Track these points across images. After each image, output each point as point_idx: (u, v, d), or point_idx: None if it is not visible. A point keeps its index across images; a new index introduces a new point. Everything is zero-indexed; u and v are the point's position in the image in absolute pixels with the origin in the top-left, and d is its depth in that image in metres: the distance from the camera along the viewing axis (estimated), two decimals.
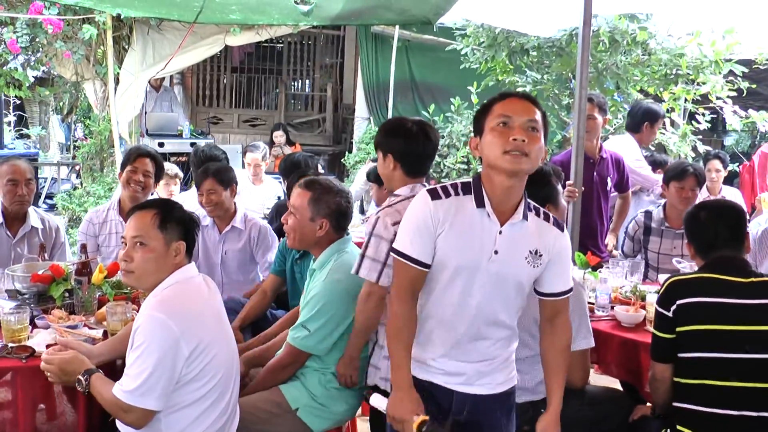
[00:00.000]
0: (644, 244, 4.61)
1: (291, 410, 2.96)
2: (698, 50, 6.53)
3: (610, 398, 3.24)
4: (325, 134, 12.65)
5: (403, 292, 2.40)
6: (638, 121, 5.61)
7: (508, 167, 2.27)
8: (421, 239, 2.34)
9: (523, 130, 2.26)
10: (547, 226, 2.43)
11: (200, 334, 2.48)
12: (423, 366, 2.47)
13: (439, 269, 2.37)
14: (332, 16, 5.76)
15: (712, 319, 2.72)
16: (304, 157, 5.39)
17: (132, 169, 4.20)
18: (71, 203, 8.42)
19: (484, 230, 2.34)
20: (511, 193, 2.34)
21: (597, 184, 4.97)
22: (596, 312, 3.54)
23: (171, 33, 8.43)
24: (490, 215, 2.34)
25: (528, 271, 2.38)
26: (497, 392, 2.48)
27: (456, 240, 2.33)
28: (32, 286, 3.34)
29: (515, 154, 2.25)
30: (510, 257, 2.35)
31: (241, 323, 3.84)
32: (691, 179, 4.43)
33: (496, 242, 2.34)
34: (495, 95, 2.42)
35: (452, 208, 2.34)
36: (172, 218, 2.62)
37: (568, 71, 6.94)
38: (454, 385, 2.45)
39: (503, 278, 2.36)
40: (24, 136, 13.26)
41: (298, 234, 3.10)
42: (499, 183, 2.32)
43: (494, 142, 2.28)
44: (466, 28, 7.49)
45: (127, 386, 2.40)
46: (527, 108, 2.32)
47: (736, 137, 10.77)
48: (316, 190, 3.08)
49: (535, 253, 2.38)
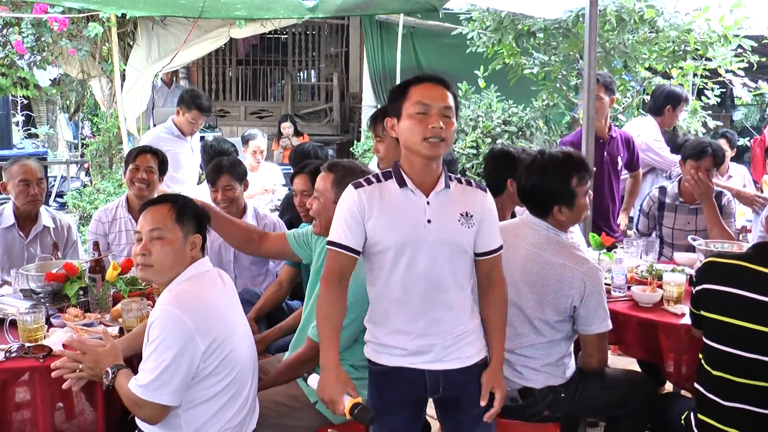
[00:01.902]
0: (659, 219, 4.58)
1: (310, 404, 2.95)
2: (706, 25, 6.46)
3: (631, 380, 3.22)
4: (333, 124, 12.64)
5: (332, 279, 2.51)
6: (660, 104, 5.57)
7: (428, 153, 2.45)
8: (350, 228, 2.48)
9: (440, 117, 2.43)
10: (471, 189, 2.58)
11: (216, 329, 2.47)
12: (388, 350, 2.54)
13: (381, 251, 2.49)
14: (336, 8, 5.73)
15: (734, 312, 2.63)
16: (314, 147, 5.36)
17: (134, 168, 4.20)
18: (81, 201, 8.44)
19: (412, 205, 2.49)
20: (431, 170, 2.51)
21: (608, 164, 4.95)
22: (613, 293, 3.52)
23: (175, 28, 8.42)
24: (414, 191, 2.49)
25: (464, 232, 2.51)
26: (469, 365, 2.56)
27: (388, 220, 2.47)
28: (47, 285, 3.34)
29: (433, 141, 2.43)
30: (444, 223, 2.48)
31: (257, 314, 3.84)
32: (708, 160, 4.38)
33: (426, 212, 2.48)
34: (409, 78, 2.56)
35: (376, 193, 2.50)
36: (188, 211, 2.63)
37: (575, 52, 6.89)
38: (423, 364, 2.52)
39: (443, 243, 2.48)
40: (32, 135, 13.28)
41: (323, 218, 3.00)
42: (418, 163, 2.49)
43: (414, 128, 2.44)
44: (472, 12, 7.44)
45: (142, 381, 2.40)
46: (443, 94, 2.47)
47: (746, 111, 10.71)
48: (339, 172, 3.01)
49: (466, 214, 2.52)
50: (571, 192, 3.00)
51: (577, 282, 2.90)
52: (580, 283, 2.89)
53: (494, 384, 2.54)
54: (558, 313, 2.92)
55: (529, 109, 7.93)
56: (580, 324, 2.96)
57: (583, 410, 3.16)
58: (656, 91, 5.81)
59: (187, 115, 5.48)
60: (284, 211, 5.06)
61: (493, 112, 7.93)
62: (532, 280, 2.94)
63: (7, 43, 7.82)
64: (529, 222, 3.07)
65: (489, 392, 2.54)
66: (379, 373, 2.58)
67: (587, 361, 3.06)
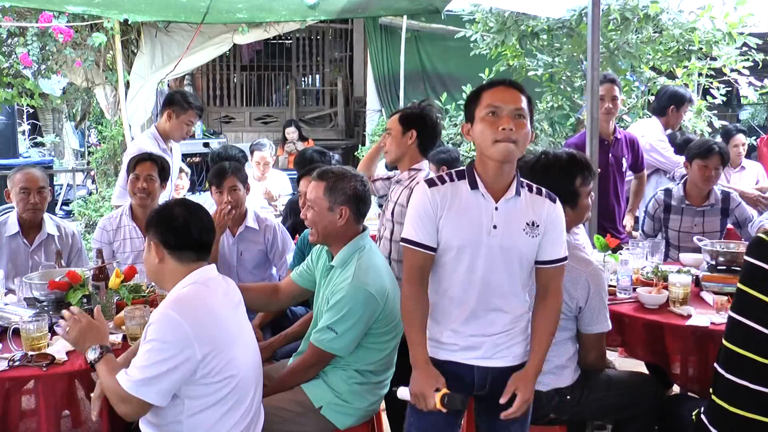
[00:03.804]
0: (664, 222, 4.55)
1: (314, 409, 2.93)
2: (711, 24, 6.44)
3: (637, 383, 3.20)
4: (338, 128, 12.64)
5: (413, 276, 2.55)
6: (664, 104, 5.57)
7: (499, 156, 2.45)
8: (424, 225, 2.52)
9: (511, 119, 2.43)
10: (539, 198, 2.58)
11: (216, 336, 2.47)
12: (441, 346, 2.59)
13: (445, 250, 2.53)
14: (338, 10, 5.72)
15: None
16: (318, 152, 5.35)
17: (134, 178, 4.16)
18: (87, 209, 8.46)
19: (481, 209, 2.51)
20: (503, 174, 2.51)
21: (612, 165, 4.94)
22: (618, 294, 3.50)
23: (179, 35, 8.42)
24: (485, 195, 2.51)
25: (527, 241, 2.52)
26: (515, 364, 2.60)
27: (456, 221, 2.50)
28: (50, 293, 3.33)
29: (504, 143, 2.42)
30: (508, 230, 2.50)
31: (261, 321, 3.84)
32: (716, 158, 4.35)
33: (494, 218, 2.50)
34: (483, 83, 2.61)
35: (448, 192, 2.53)
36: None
37: (579, 53, 6.87)
38: (473, 360, 2.57)
39: (505, 250, 2.51)
40: (39, 144, 13.33)
41: (319, 227, 3.01)
42: (491, 167, 2.50)
43: (485, 131, 2.46)
44: (475, 13, 7.42)
45: (133, 376, 2.40)
46: (514, 96, 2.48)
47: (752, 111, 10.67)
48: (330, 179, 3.00)
49: (532, 224, 2.53)
50: (575, 192, 3.01)
51: (582, 282, 2.91)
52: (585, 284, 2.90)
53: (519, 386, 2.53)
54: (563, 313, 2.91)
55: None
56: (582, 324, 2.98)
57: (590, 413, 3.14)
58: (660, 91, 5.82)
59: (182, 116, 4.91)
60: (287, 217, 5.06)
61: None
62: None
63: (12, 53, 7.84)
64: None
65: (512, 392, 2.52)
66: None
67: (584, 356, 3.06)
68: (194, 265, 2.60)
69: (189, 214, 2.63)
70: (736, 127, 6.58)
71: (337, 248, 3.04)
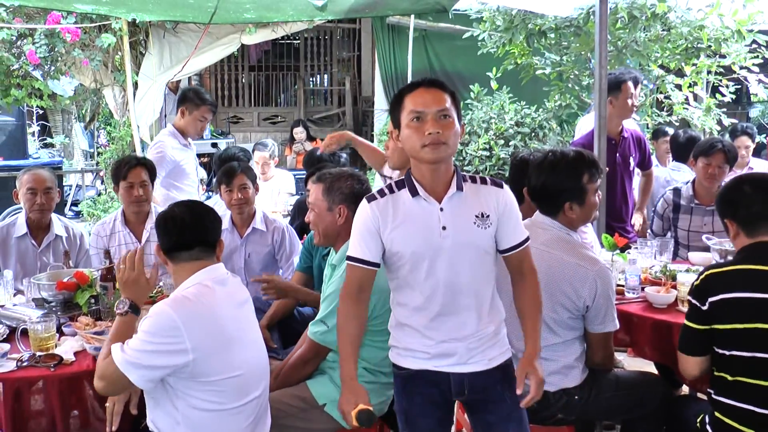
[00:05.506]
0: (673, 222, 4.53)
1: (318, 406, 2.95)
2: (719, 21, 6.40)
3: (646, 382, 3.19)
4: (346, 128, 12.61)
5: (350, 292, 2.55)
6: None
7: (429, 158, 2.43)
8: (365, 241, 2.51)
9: (436, 121, 2.41)
10: (485, 188, 2.55)
11: (213, 336, 2.49)
12: (412, 354, 2.56)
13: (399, 261, 2.51)
14: (346, 10, 5.70)
15: (750, 316, 2.57)
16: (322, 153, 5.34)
17: (128, 185, 4.11)
18: (96, 209, 8.48)
19: (426, 213, 2.48)
20: (440, 174, 2.49)
21: (620, 165, 4.91)
22: (627, 294, 3.49)
23: (187, 35, 8.43)
24: (427, 199, 2.48)
25: (481, 234, 2.49)
26: (492, 367, 2.56)
27: (404, 230, 2.48)
28: (58, 294, 3.34)
29: (433, 146, 2.40)
30: (459, 227, 2.47)
31: (269, 322, 3.84)
32: (719, 156, 4.33)
33: (441, 219, 2.47)
34: (403, 86, 2.56)
35: (389, 204, 2.50)
36: None
37: (587, 51, 6.84)
38: (447, 367, 2.54)
39: (461, 248, 2.47)
40: (48, 145, 13.36)
41: (321, 228, 3.12)
42: (427, 169, 2.48)
43: (412, 137, 2.44)
44: (483, 12, 7.41)
45: (126, 354, 2.42)
46: (436, 97, 2.44)
47: (762, 108, 10.59)
48: (327, 180, 3.10)
49: (482, 215, 2.49)
50: (582, 189, 2.99)
51: (590, 281, 2.90)
52: (593, 283, 2.89)
53: (529, 370, 2.49)
54: (570, 312, 2.92)
55: (541, 110, 7.89)
56: (589, 323, 2.97)
57: (597, 413, 3.14)
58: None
59: (195, 113, 5.10)
60: (294, 217, 5.06)
61: (506, 113, 7.89)
62: (543, 279, 2.91)
63: (21, 54, 7.86)
64: (539, 222, 3.06)
65: (524, 380, 2.48)
66: (405, 376, 2.59)
67: (591, 356, 3.06)
68: (197, 265, 2.61)
69: (184, 215, 2.65)
70: (743, 127, 6.49)
71: (340, 246, 3.09)
